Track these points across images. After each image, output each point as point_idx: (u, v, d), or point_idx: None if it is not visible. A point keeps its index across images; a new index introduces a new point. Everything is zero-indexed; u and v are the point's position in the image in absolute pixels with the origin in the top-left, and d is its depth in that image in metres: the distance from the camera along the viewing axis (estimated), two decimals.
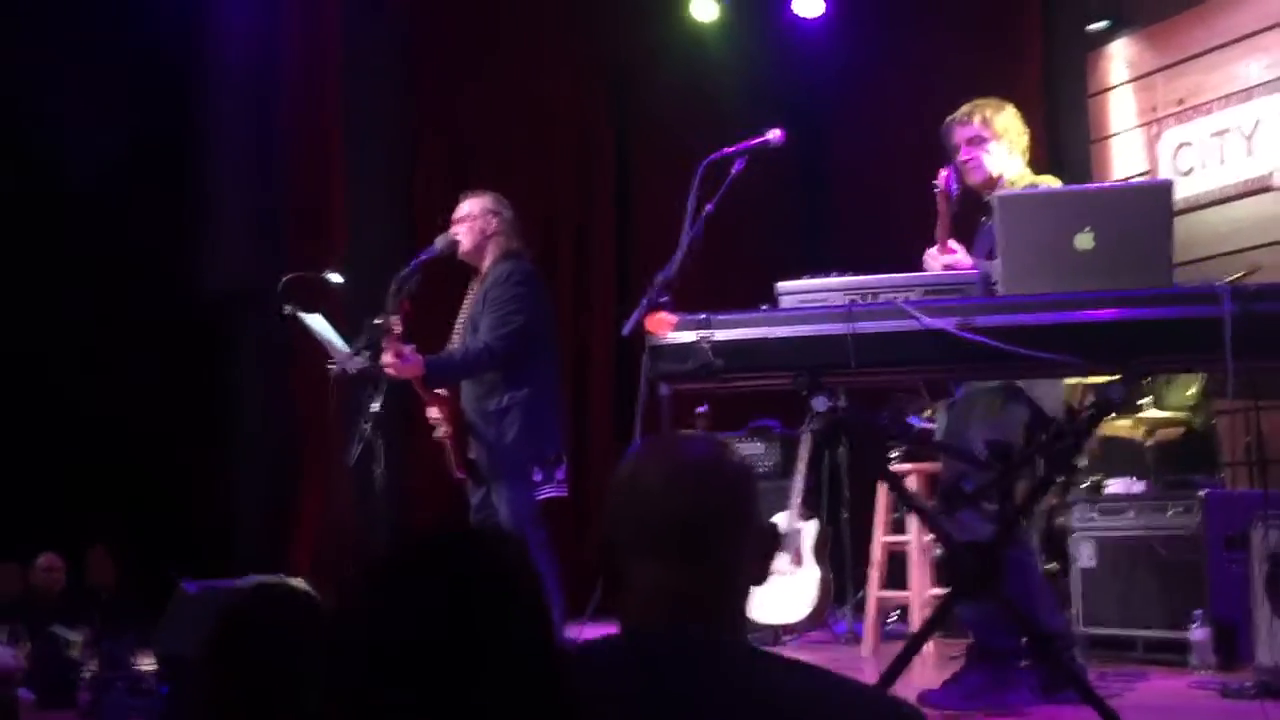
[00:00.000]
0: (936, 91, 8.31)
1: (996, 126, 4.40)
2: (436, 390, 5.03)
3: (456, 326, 5.19)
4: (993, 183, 4.35)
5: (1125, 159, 7.26)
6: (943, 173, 4.04)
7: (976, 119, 4.41)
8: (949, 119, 4.48)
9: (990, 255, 3.81)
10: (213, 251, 7.54)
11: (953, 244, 4.05)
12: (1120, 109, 7.36)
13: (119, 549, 7.03)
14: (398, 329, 4.78)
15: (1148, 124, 7.19)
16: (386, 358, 4.80)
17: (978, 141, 4.39)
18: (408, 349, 4.79)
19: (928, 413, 6.73)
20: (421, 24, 8.54)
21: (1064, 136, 7.56)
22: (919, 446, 5.74)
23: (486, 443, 4.96)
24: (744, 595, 1.67)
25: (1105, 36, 7.46)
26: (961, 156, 4.37)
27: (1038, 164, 4.65)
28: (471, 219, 5.16)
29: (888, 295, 3.20)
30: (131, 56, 7.18)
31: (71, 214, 7.15)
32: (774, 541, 1.71)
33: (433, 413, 5.07)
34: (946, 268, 3.99)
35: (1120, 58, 7.40)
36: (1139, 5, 7.34)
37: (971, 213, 4.41)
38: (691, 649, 1.55)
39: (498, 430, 4.93)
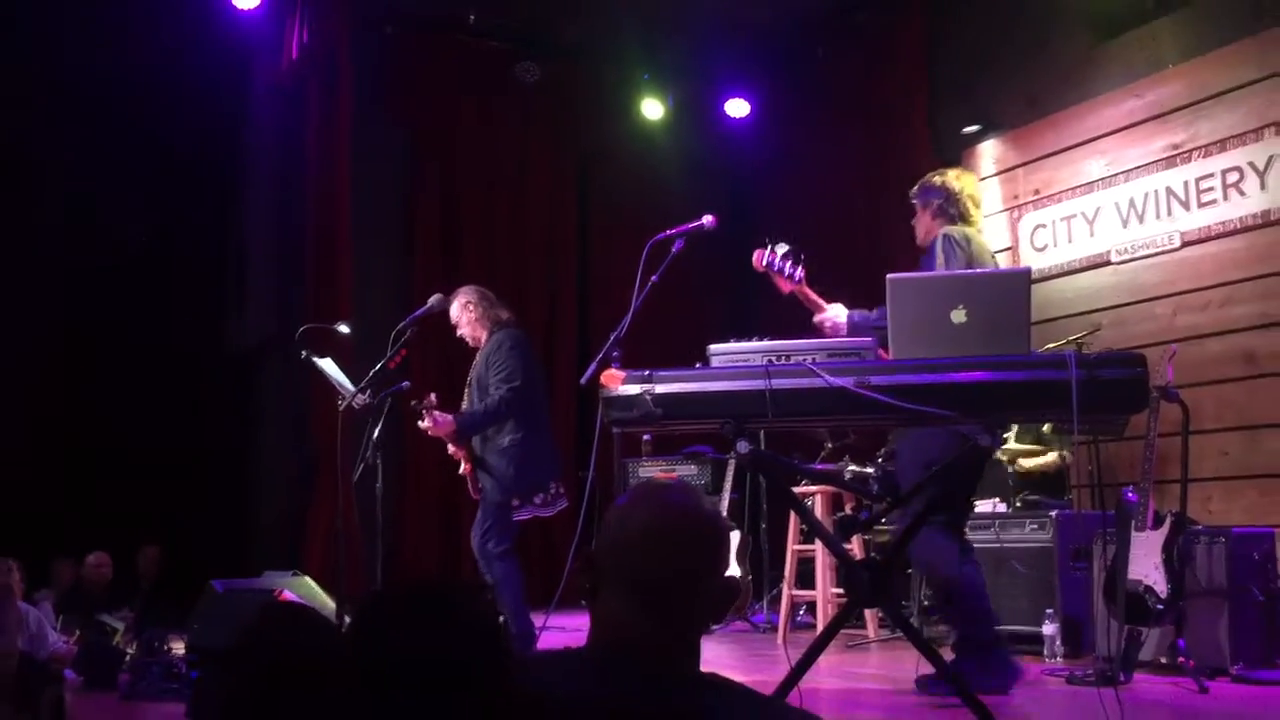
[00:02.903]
0: (844, 179, 8.49)
1: (919, 198, 4.41)
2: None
3: (466, 387, 5.28)
4: (925, 240, 4.35)
5: (993, 237, 7.34)
6: (757, 254, 3.90)
7: (912, 192, 4.43)
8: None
9: None
10: (244, 309, 7.50)
11: (824, 305, 4.00)
12: (989, 196, 7.45)
13: (167, 550, 6.96)
14: (435, 402, 5.02)
15: (1011, 209, 7.28)
16: (424, 423, 5.04)
17: (913, 212, 4.42)
18: (440, 414, 5.03)
19: (828, 446, 6.79)
20: (422, 118, 8.55)
21: None
22: (820, 479, 5.77)
23: (492, 475, 5.06)
24: (700, 632, 1.62)
25: (977, 137, 7.56)
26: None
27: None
28: (460, 321, 5.31)
29: (799, 357, 3.19)
30: (181, 146, 7.19)
31: (131, 280, 7.13)
32: (734, 595, 1.63)
33: (453, 451, 5.21)
34: (823, 323, 3.99)
35: (989, 155, 7.50)
36: (1004, 113, 7.45)
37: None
38: (644, 673, 1.52)
39: (502, 465, 5.05)
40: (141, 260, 7.10)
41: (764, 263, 3.83)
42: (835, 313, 3.97)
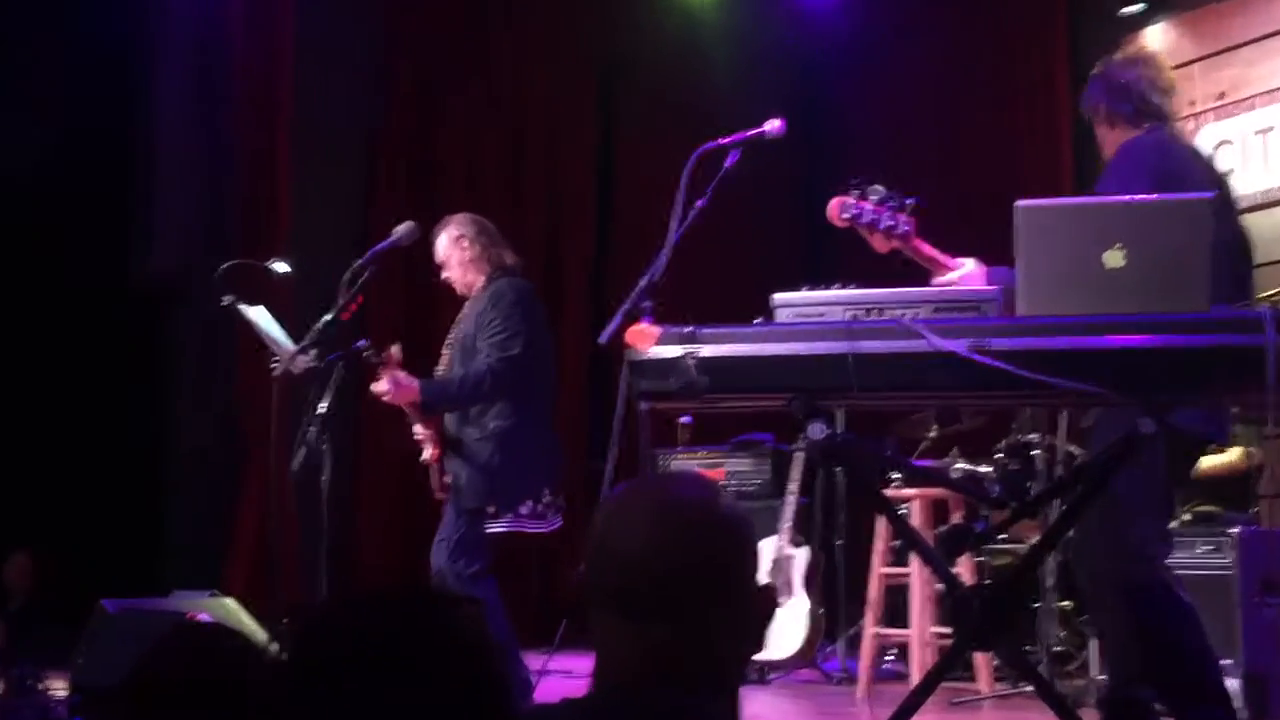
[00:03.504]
0: (954, 79, 8.37)
1: (1086, 103, 4.16)
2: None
3: (445, 348, 5.27)
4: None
5: None
6: (835, 203, 3.67)
7: (1082, 97, 4.21)
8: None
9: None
10: (148, 237, 7.52)
11: (948, 262, 3.81)
12: None
13: (43, 558, 7.02)
14: (397, 356, 4.91)
15: (1186, 118, 7.18)
16: (380, 384, 4.95)
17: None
18: (403, 374, 4.93)
19: (931, 433, 6.75)
20: (393, 2, 8.53)
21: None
22: (920, 478, 5.74)
23: (468, 470, 5.04)
24: (734, 660, 1.65)
25: (1139, 21, 7.46)
26: None
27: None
28: (449, 260, 5.26)
29: (894, 311, 3.17)
30: (71, 35, 7.20)
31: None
32: (768, 605, 1.69)
33: (419, 431, 5.16)
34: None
35: (1156, 45, 7.38)
36: None
37: None
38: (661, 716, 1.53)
39: (480, 459, 5.02)
40: (15, 177, 7.12)
41: (847, 215, 3.65)
42: (965, 273, 3.77)
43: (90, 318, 7.31)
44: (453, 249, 5.25)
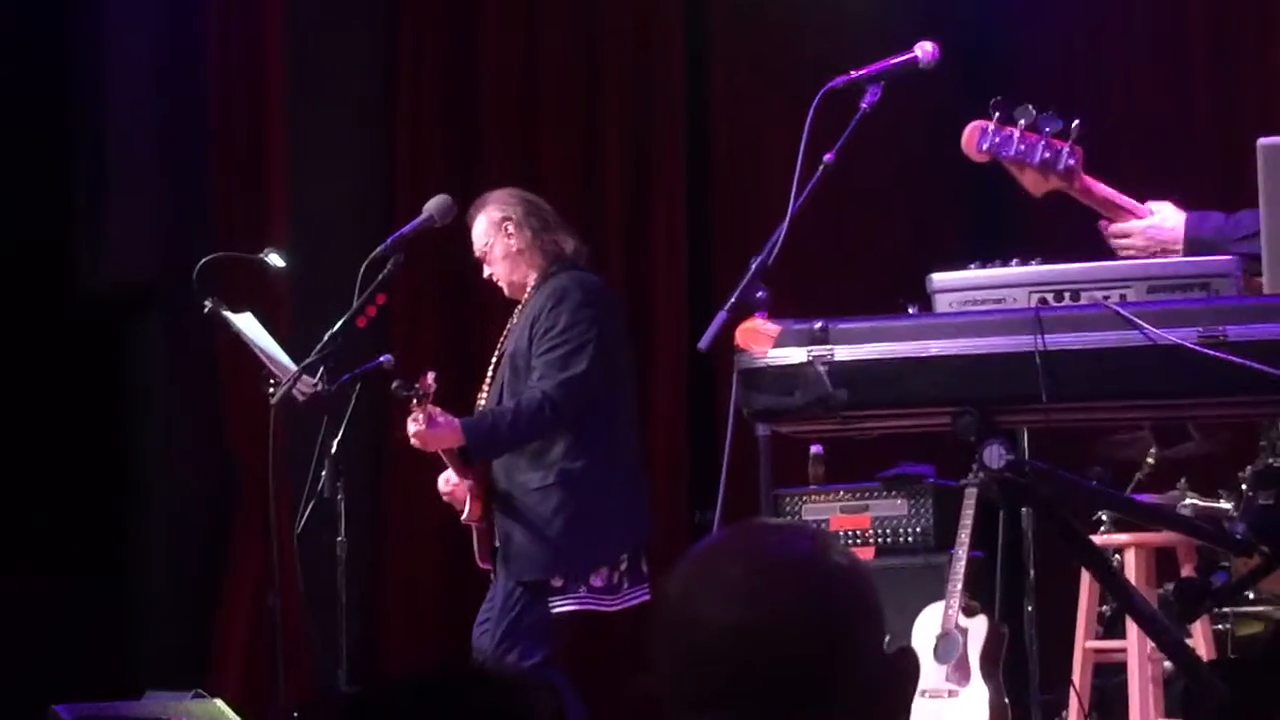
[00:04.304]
0: None
1: None
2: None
3: (490, 372, 5.32)
4: None
5: None
6: (971, 130, 3.63)
7: None
8: None
9: None
10: (104, 233, 7.60)
11: (1133, 206, 3.70)
12: None
13: None
14: (433, 386, 4.92)
15: None
16: (412, 425, 4.96)
17: None
18: (439, 412, 4.94)
19: (1149, 459, 6.68)
20: None
21: None
22: (1138, 518, 5.69)
23: (523, 529, 5.08)
24: None
25: None
26: None
27: None
28: (491, 253, 5.27)
29: (1095, 293, 3.16)
30: None
31: None
32: (910, 673, 1.69)
33: (449, 485, 5.22)
34: (1131, 239, 3.75)
35: None
36: None
37: None
38: None
39: (540, 514, 5.06)
40: None
41: (988, 146, 3.61)
42: (1160, 220, 3.73)
43: (26, 342, 7.39)
44: (495, 237, 5.26)
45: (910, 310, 3.28)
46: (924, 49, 3.84)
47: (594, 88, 8.83)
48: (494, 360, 5.30)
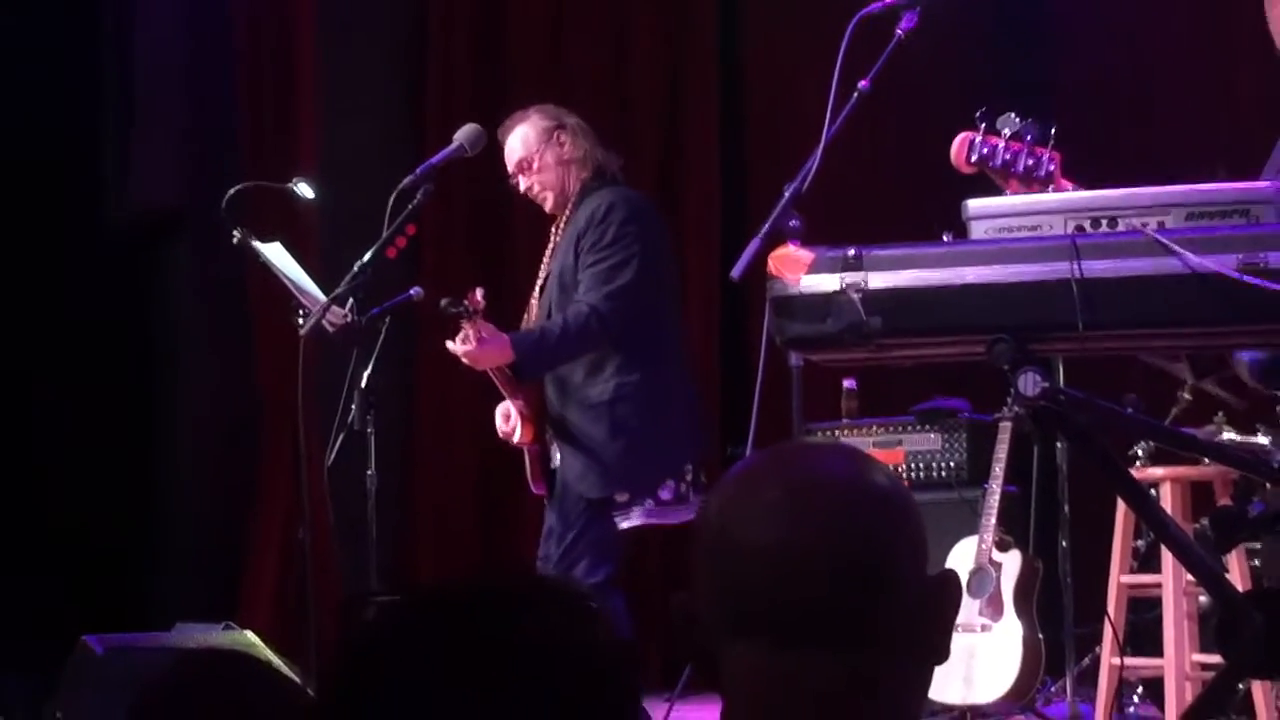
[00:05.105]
0: None
1: None
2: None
3: (535, 290, 5.33)
4: None
5: None
6: (960, 142, 3.65)
7: None
8: None
9: None
10: (134, 159, 7.61)
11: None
12: None
13: (10, 583, 7.13)
14: (481, 304, 4.90)
15: None
16: (459, 343, 4.97)
17: None
18: (488, 327, 4.93)
19: (1186, 395, 6.65)
20: None
21: None
22: (1175, 447, 5.67)
23: (584, 445, 5.09)
24: (914, 683, 1.65)
25: None
26: None
27: None
28: (541, 160, 5.22)
29: (1134, 220, 3.15)
30: None
31: None
32: (953, 596, 1.68)
33: (515, 407, 5.19)
34: None
35: None
36: None
37: None
38: None
39: (602, 429, 5.07)
40: None
41: (976, 158, 3.59)
42: None
43: (54, 270, 7.41)
44: (545, 145, 5.23)
45: (945, 237, 3.28)
46: None
47: (625, 19, 8.81)
48: (540, 280, 5.31)
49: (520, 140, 5.25)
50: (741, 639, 1.59)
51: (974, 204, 3.27)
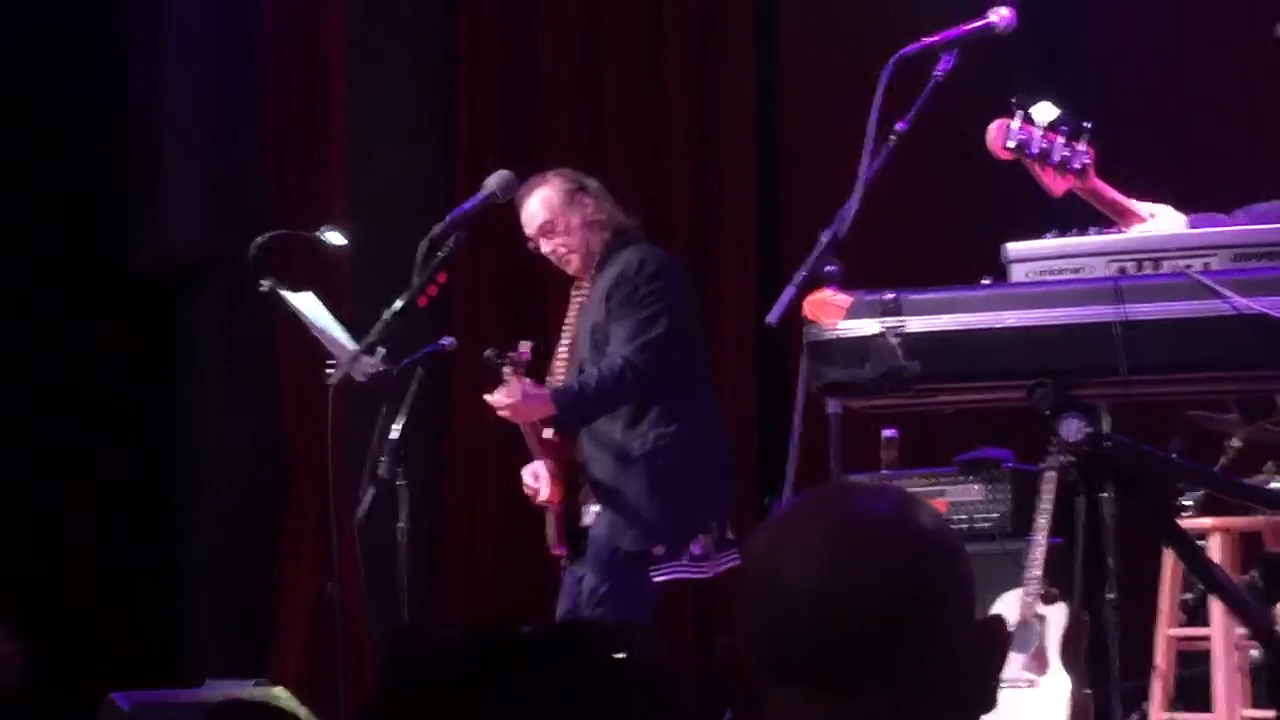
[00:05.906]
0: None
1: None
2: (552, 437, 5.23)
3: (561, 349, 5.40)
4: None
5: None
6: (997, 127, 3.71)
7: None
8: None
9: None
10: (161, 206, 7.64)
11: (1134, 209, 3.73)
12: None
13: (32, 641, 7.11)
14: (527, 356, 5.01)
15: None
16: (499, 395, 5.02)
17: None
18: (530, 382, 5.02)
19: (1235, 443, 6.62)
20: None
21: None
22: (1227, 492, 5.64)
23: (624, 498, 5.14)
24: None
25: None
26: None
27: None
28: (566, 223, 5.29)
29: (1177, 262, 3.15)
30: None
31: None
32: (1000, 643, 1.68)
33: (544, 467, 5.22)
34: None
35: None
36: None
37: None
38: None
39: (641, 483, 5.12)
40: None
41: (1013, 144, 3.67)
42: (1159, 224, 3.72)
43: (80, 319, 7.43)
44: (570, 207, 5.31)
45: (985, 281, 3.27)
46: (1000, 14, 3.84)
47: (658, 58, 8.82)
48: (565, 338, 5.35)
49: (543, 203, 5.31)
50: (783, 683, 1.59)
51: (1014, 247, 3.28)
